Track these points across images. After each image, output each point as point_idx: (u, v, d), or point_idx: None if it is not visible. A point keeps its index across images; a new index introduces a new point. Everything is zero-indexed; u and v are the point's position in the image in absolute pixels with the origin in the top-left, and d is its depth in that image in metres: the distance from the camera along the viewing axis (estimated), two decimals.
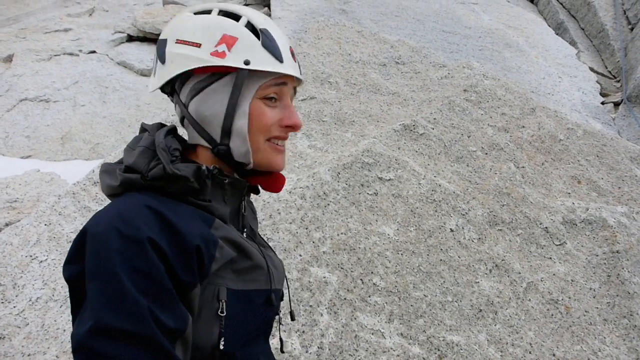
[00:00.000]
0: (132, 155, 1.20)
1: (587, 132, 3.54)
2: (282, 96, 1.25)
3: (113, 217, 1.05)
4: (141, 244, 1.00)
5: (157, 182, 1.15)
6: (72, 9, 9.79)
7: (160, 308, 0.99)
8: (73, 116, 6.18)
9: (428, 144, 3.15)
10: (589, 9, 7.53)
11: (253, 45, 1.20)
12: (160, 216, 1.07)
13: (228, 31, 1.22)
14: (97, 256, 1.00)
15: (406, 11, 6.88)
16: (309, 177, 2.78)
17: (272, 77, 1.22)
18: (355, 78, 3.71)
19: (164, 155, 1.17)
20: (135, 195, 1.13)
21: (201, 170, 1.18)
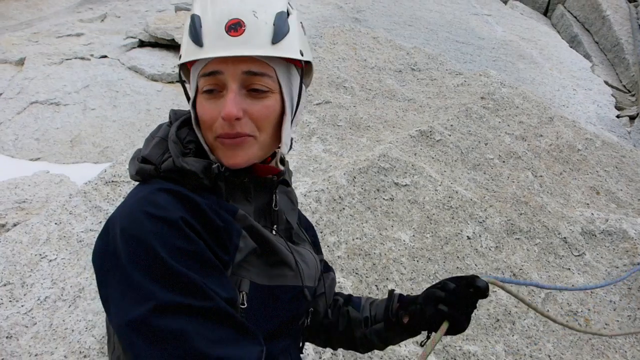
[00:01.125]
0: (148, 146, 1.14)
1: (606, 143, 3.48)
2: (225, 85, 1.08)
3: (139, 201, 1.00)
4: (176, 224, 0.95)
5: (169, 174, 1.10)
6: (85, 15, 9.82)
7: (211, 281, 0.94)
8: (83, 119, 6.16)
9: (445, 151, 3.10)
10: (604, 22, 7.49)
11: (185, 37, 1.11)
12: (184, 197, 1.02)
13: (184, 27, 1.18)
14: (133, 241, 0.94)
15: (419, 21, 6.86)
16: (324, 180, 2.73)
17: (202, 67, 1.09)
18: (370, 84, 3.67)
19: (173, 148, 1.11)
20: (154, 182, 1.09)
21: (212, 167, 1.12)
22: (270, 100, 1.13)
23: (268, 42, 1.09)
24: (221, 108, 1.07)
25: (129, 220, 0.98)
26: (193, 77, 1.13)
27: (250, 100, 1.10)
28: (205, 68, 1.08)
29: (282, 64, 1.15)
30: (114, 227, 1.00)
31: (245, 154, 1.12)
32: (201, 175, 1.09)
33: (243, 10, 1.09)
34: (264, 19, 1.10)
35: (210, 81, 1.08)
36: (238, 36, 1.06)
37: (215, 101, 1.09)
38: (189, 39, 1.08)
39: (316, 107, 3.39)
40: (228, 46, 1.06)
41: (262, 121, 1.12)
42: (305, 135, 3.15)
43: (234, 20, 1.07)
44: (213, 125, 1.10)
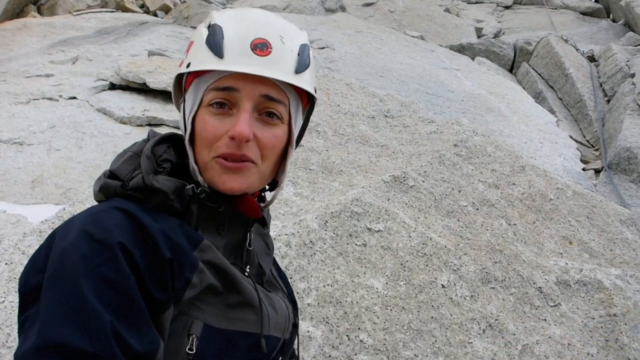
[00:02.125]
0: (119, 160, 1.05)
1: (577, 193, 3.49)
2: (237, 103, 1.02)
3: (84, 218, 0.90)
4: (111, 249, 0.84)
5: (136, 193, 1.00)
6: (56, 56, 9.72)
7: (127, 326, 0.82)
8: (47, 160, 5.98)
9: (418, 197, 3.05)
10: (567, 80, 7.72)
11: (199, 45, 1.05)
12: (135, 220, 0.91)
13: (193, 36, 1.12)
14: (60, 261, 0.83)
15: (391, 72, 6.96)
16: (295, 224, 2.64)
17: (214, 80, 1.03)
18: (343, 129, 3.64)
19: (145, 164, 1.01)
20: (114, 200, 0.99)
21: (184, 189, 1.02)
22: (280, 129, 1.08)
23: (292, 70, 1.05)
24: (229, 127, 1.01)
25: (65, 236, 0.87)
26: (197, 88, 1.06)
27: (261, 126, 1.04)
28: (220, 81, 1.02)
29: (295, 96, 1.11)
30: (51, 237, 0.90)
31: (245, 181, 1.05)
32: (172, 196, 1.00)
33: (270, 33, 1.05)
34: (289, 46, 1.06)
35: (223, 96, 1.02)
36: (264, 56, 1.02)
37: (222, 118, 1.02)
38: (206, 48, 1.03)
39: None
40: (253, 64, 1.00)
41: (269, 150, 1.06)
42: None
43: (261, 39, 1.03)
44: (214, 143, 1.02)
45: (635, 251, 3.23)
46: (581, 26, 12.67)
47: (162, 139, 1.10)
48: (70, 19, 11.16)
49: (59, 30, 10.99)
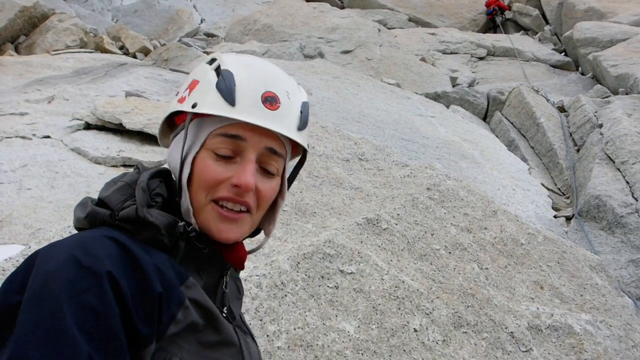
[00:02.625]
0: (109, 189, 1.04)
1: (547, 239, 3.53)
2: (241, 152, 1.05)
3: (73, 243, 0.88)
4: (98, 278, 0.83)
5: (126, 224, 0.99)
6: (32, 95, 9.67)
7: (104, 357, 0.80)
8: (17, 199, 5.87)
9: (391, 240, 3.06)
10: (538, 129, 7.91)
11: (208, 87, 1.06)
12: (127, 251, 0.90)
13: (196, 75, 1.12)
14: (43, 283, 0.81)
15: (367, 118, 7.06)
16: (267, 265, 2.62)
17: (221, 125, 1.05)
18: (318, 171, 3.66)
19: (140, 196, 1.01)
20: (103, 229, 0.98)
21: (177, 225, 1.02)
22: (275, 181, 1.11)
23: (295, 126, 1.09)
24: (232, 174, 1.03)
25: (50, 259, 0.86)
26: (200, 129, 1.06)
27: (260, 177, 1.08)
28: (228, 128, 1.04)
29: (289, 150, 1.15)
30: (32, 258, 0.88)
31: (239, 231, 1.08)
32: (163, 231, 1.00)
33: (279, 88, 1.08)
34: (294, 103, 1.10)
35: (229, 144, 1.04)
36: (274, 110, 1.05)
37: (226, 165, 1.04)
38: (216, 92, 1.04)
39: None
40: (264, 117, 1.03)
41: (265, 201, 1.10)
42: None
43: (271, 93, 1.06)
44: (215, 187, 1.04)
45: (604, 297, 3.26)
46: (551, 78, 13.06)
47: (156, 172, 1.10)
48: (48, 59, 11.17)
49: (36, 69, 10.97)
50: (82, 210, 1.04)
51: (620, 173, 5.82)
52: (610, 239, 5.11)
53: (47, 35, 12.88)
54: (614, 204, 5.30)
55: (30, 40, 12.77)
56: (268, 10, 14.85)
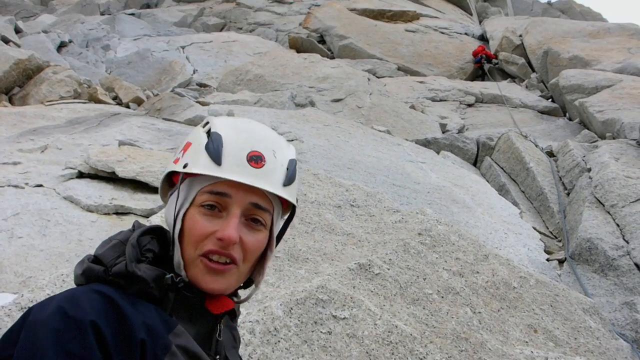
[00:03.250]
0: (104, 247, 1.10)
1: (540, 282, 3.54)
2: (227, 207, 1.12)
3: (62, 297, 0.95)
4: (82, 326, 0.89)
5: (118, 279, 1.04)
6: (25, 145, 9.72)
7: None
8: (7, 248, 5.83)
9: (384, 285, 3.06)
10: (528, 173, 8.00)
11: (198, 149, 1.14)
12: (111, 302, 0.96)
13: (190, 138, 1.20)
14: (32, 333, 0.89)
15: (358, 165, 7.13)
16: (260, 311, 2.61)
17: (209, 183, 1.12)
18: (310, 217, 3.68)
19: (130, 252, 1.08)
20: (95, 285, 1.03)
21: (164, 278, 1.07)
22: (262, 234, 1.17)
23: (281, 183, 1.16)
24: (218, 228, 1.09)
25: (41, 311, 0.92)
26: (190, 188, 1.14)
27: (246, 230, 1.13)
28: (214, 186, 1.11)
29: (278, 205, 1.21)
30: (27, 313, 0.93)
31: (226, 282, 1.13)
32: (152, 284, 1.06)
33: (265, 147, 1.15)
34: (280, 161, 1.17)
35: (215, 200, 1.11)
36: (258, 168, 1.13)
37: (212, 219, 1.10)
38: (205, 153, 1.11)
39: None
40: (248, 175, 1.11)
41: (252, 253, 1.15)
42: None
43: (256, 152, 1.13)
44: (201, 241, 1.10)
45: (599, 340, 3.25)
46: (540, 124, 13.30)
47: (147, 230, 1.16)
48: (41, 109, 11.27)
49: (30, 119, 11.05)
50: (80, 267, 1.11)
51: (610, 216, 5.87)
52: (604, 281, 5.12)
53: (42, 86, 13.04)
54: (605, 247, 5.32)
55: (25, 91, 12.92)
56: (259, 61, 15.14)
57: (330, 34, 20.88)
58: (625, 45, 16.61)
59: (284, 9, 25.03)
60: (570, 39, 17.74)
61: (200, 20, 24.84)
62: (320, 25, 21.45)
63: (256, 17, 24.69)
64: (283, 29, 23.25)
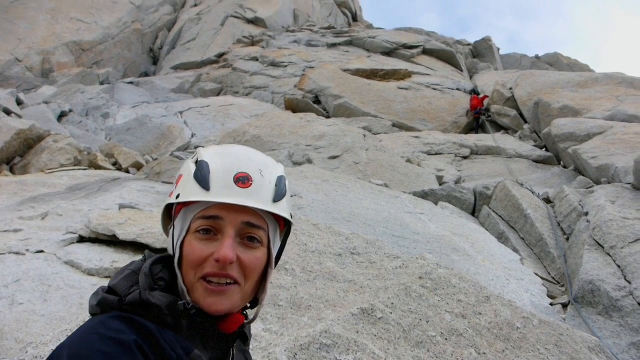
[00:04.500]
0: (117, 277, 1.15)
1: (543, 322, 3.54)
2: (221, 230, 1.16)
3: (92, 326, 0.99)
4: (129, 346, 0.94)
5: (133, 307, 1.08)
6: (26, 213, 9.77)
7: None
8: (8, 314, 5.80)
9: (387, 329, 3.06)
10: (526, 220, 8.05)
11: (188, 179, 1.20)
12: (138, 324, 1.01)
13: (181, 170, 1.26)
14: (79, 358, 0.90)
15: (357, 217, 7.18)
16: (264, 357, 2.61)
17: (201, 209, 1.17)
18: (311, 266, 3.71)
19: (143, 281, 1.12)
20: (113, 312, 1.06)
21: (177, 304, 1.11)
22: (260, 252, 1.20)
23: (270, 199, 1.20)
24: (214, 250, 1.13)
25: (79, 342, 0.94)
26: (186, 217, 1.19)
27: (243, 249, 1.17)
28: (206, 211, 1.15)
29: (273, 222, 1.26)
30: (59, 351, 0.95)
31: (229, 302, 1.15)
32: (165, 312, 1.10)
33: (251, 167, 1.20)
34: (268, 178, 1.22)
35: (209, 224, 1.15)
36: (246, 188, 1.17)
37: (208, 243, 1.14)
38: (194, 181, 1.17)
39: None
40: (236, 195, 1.15)
41: (251, 271, 1.18)
42: None
43: (243, 173, 1.18)
44: (200, 265, 1.13)
45: None
46: (535, 172, 13.44)
47: (159, 259, 1.20)
48: (42, 177, 11.40)
49: (31, 187, 11.16)
50: (94, 298, 1.14)
51: (611, 257, 5.89)
52: (609, 323, 5.08)
53: (42, 155, 13.22)
54: (608, 288, 5.32)
55: (26, 160, 13.09)
56: (256, 122, 15.42)
57: (325, 94, 21.36)
58: (613, 93, 17.00)
59: (279, 72, 25.68)
60: (560, 89, 18.17)
61: (198, 86, 25.44)
62: (315, 86, 21.97)
63: (252, 81, 25.30)
64: (279, 91, 23.79)
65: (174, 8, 38.35)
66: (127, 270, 1.16)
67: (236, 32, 34.04)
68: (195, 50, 32.61)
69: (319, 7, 42.58)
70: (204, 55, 31.28)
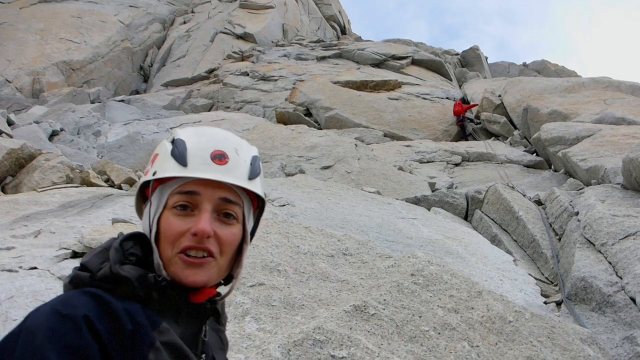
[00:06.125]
0: (89, 254, 1.17)
1: (535, 315, 3.57)
2: (198, 205, 1.19)
3: (54, 302, 1.02)
4: (76, 321, 0.96)
5: (104, 283, 1.11)
6: (18, 231, 9.72)
7: None
8: (2, 331, 5.76)
9: (380, 324, 3.09)
10: (518, 222, 8.10)
11: (165, 157, 1.23)
12: (100, 299, 1.03)
13: (156, 149, 1.29)
14: (30, 336, 0.95)
15: (350, 224, 7.21)
16: (258, 354, 2.63)
17: (178, 185, 1.20)
18: (304, 267, 3.73)
19: (113, 255, 1.14)
20: (83, 289, 1.09)
21: (147, 277, 1.14)
22: (235, 228, 1.24)
23: (245, 177, 1.24)
24: (191, 225, 1.16)
25: (35, 316, 0.98)
26: (162, 193, 1.22)
27: (219, 224, 1.20)
28: (184, 186, 1.18)
29: (247, 199, 1.30)
30: (24, 321, 0.98)
31: (206, 274, 1.18)
32: (135, 284, 1.12)
33: (227, 146, 1.24)
34: (243, 157, 1.26)
35: (186, 199, 1.18)
36: (222, 165, 1.20)
37: (185, 218, 1.17)
38: (171, 158, 1.20)
39: (250, 289, 3.37)
40: (213, 171, 1.18)
41: (227, 245, 1.21)
42: (239, 315, 3.09)
43: (219, 151, 1.22)
44: (177, 240, 1.16)
45: None
46: (526, 177, 13.53)
47: (130, 235, 1.23)
48: (34, 196, 11.34)
49: (23, 206, 11.09)
50: (68, 277, 1.16)
51: (602, 254, 5.93)
52: (602, 318, 5.11)
53: (34, 174, 13.15)
54: (600, 284, 5.35)
55: (17, 180, 13.02)
56: (248, 135, 15.47)
57: (316, 107, 21.46)
58: (600, 97, 17.18)
59: (269, 86, 25.79)
60: (548, 95, 18.34)
61: (189, 102, 25.48)
62: (306, 99, 22.08)
63: (243, 95, 25.38)
64: (270, 104, 23.88)
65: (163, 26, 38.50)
66: (99, 248, 1.19)
67: (226, 47, 34.18)
68: (186, 67, 32.71)
69: (308, 21, 42.88)
70: (194, 72, 31.37)
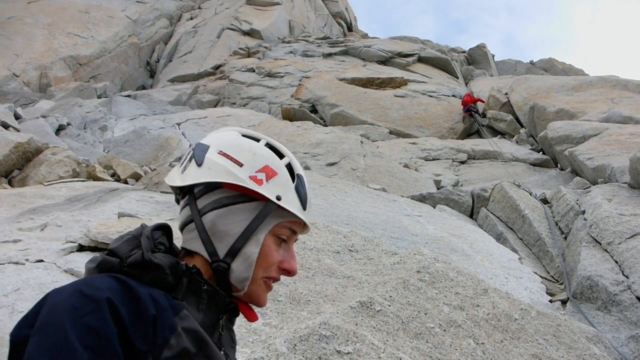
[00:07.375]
0: (117, 241, 1.19)
1: (541, 313, 3.57)
2: (290, 241, 1.28)
3: (79, 282, 1.05)
4: (98, 303, 0.98)
5: (133, 269, 1.13)
6: (25, 224, 9.78)
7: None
8: (9, 322, 5.80)
9: (385, 321, 3.09)
10: (524, 221, 8.08)
11: (288, 185, 1.26)
12: (124, 284, 1.05)
13: (271, 164, 1.28)
14: (50, 312, 0.98)
15: (355, 220, 7.21)
16: (264, 348, 2.63)
17: (290, 220, 1.26)
18: (310, 263, 3.74)
19: (145, 243, 1.17)
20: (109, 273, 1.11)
21: (179, 265, 1.17)
22: None
23: None
24: (282, 258, 1.26)
25: (58, 294, 0.99)
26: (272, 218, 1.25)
27: None
28: (294, 224, 1.27)
29: None
30: (47, 297, 1.00)
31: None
32: (167, 271, 1.15)
33: None
34: None
35: (289, 233, 1.27)
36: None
37: (279, 250, 1.26)
38: (295, 195, 1.26)
39: None
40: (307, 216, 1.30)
41: None
42: None
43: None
44: (270, 267, 1.25)
45: None
46: (532, 175, 13.49)
47: (158, 226, 1.27)
48: (41, 189, 11.42)
49: (29, 199, 11.17)
50: (93, 261, 1.18)
51: (608, 253, 5.91)
52: (608, 317, 5.10)
53: (41, 168, 13.23)
54: (606, 283, 5.34)
55: (24, 173, 13.10)
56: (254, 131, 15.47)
57: (321, 103, 21.45)
58: (608, 95, 17.10)
59: (275, 83, 25.80)
60: (554, 93, 18.27)
61: (195, 97, 25.52)
62: (312, 96, 22.07)
63: (249, 91, 25.41)
64: (275, 101, 23.89)
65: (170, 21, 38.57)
66: (128, 235, 1.21)
67: (232, 44, 34.22)
68: (192, 63, 32.77)
69: (314, 17, 42.85)
70: (201, 68, 31.42)
